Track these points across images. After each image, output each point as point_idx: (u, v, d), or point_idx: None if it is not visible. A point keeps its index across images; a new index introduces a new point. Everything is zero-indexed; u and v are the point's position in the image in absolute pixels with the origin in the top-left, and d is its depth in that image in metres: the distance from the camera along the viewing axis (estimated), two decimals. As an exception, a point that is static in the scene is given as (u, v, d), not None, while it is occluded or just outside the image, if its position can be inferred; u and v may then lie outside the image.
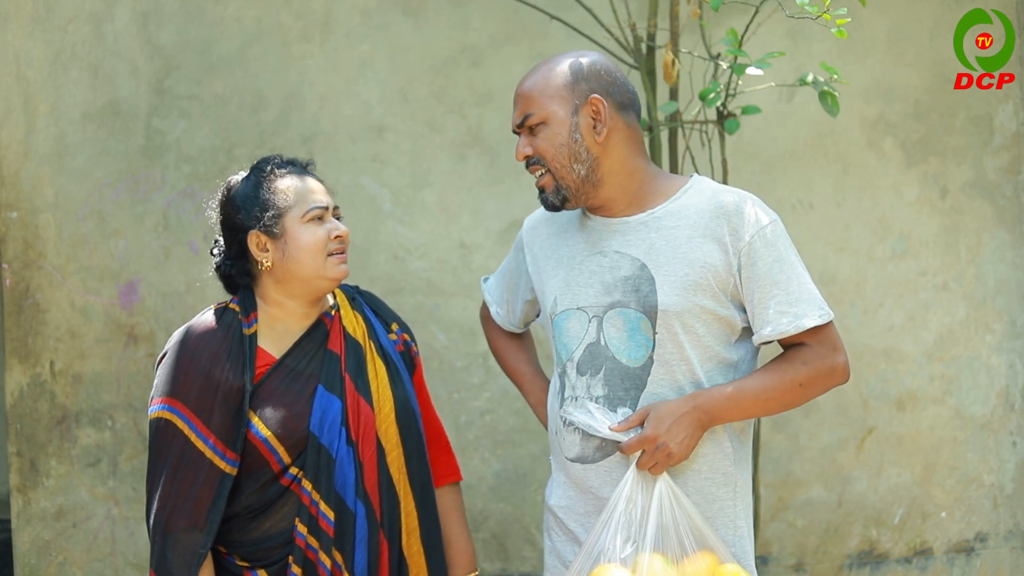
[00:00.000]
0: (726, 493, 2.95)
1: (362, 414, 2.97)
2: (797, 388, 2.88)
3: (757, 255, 2.85)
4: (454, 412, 4.60)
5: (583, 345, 2.95)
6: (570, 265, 3.00)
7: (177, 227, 4.55)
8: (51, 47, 4.50)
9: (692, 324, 2.87)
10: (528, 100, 2.91)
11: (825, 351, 2.88)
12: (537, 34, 4.57)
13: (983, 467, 4.99)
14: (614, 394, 2.90)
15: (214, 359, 2.92)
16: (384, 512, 2.98)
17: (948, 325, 4.93)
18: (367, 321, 3.10)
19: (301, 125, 4.58)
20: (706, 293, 2.86)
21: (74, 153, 4.51)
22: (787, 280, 2.85)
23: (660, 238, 2.90)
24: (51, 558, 4.56)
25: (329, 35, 4.59)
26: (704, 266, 2.86)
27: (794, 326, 2.83)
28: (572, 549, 3.02)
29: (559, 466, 3.03)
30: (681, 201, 2.93)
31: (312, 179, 3.01)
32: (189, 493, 2.88)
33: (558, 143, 2.89)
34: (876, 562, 4.93)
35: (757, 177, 4.76)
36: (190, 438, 2.88)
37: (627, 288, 2.90)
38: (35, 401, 4.52)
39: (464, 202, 4.65)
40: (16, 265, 4.49)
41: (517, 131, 2.95)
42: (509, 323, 3.30)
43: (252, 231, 2.95)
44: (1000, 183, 4.94)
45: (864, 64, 4.78)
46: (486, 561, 4.72)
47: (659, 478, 2.81)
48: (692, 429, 2.84)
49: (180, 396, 2.90)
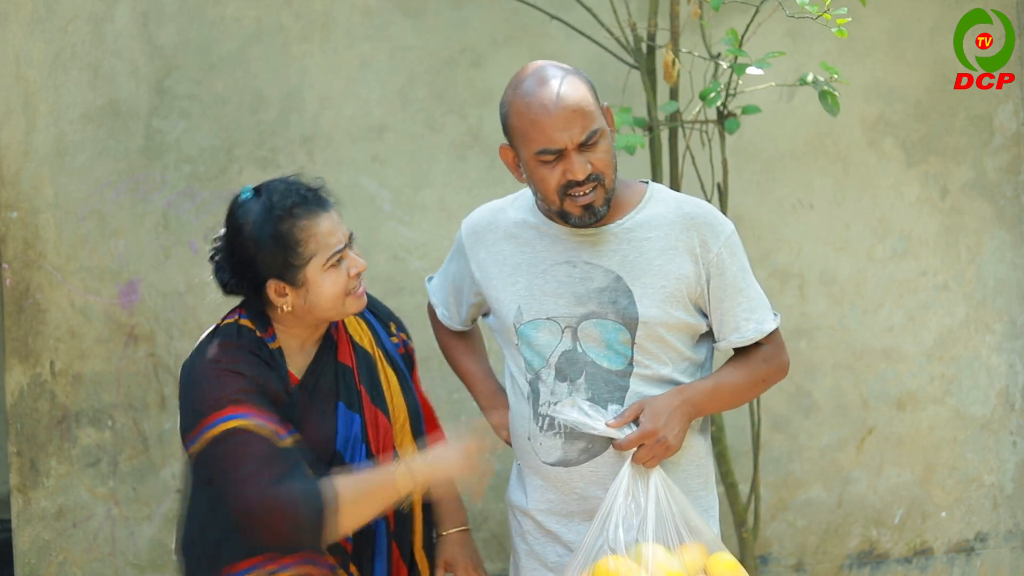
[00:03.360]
0: (699, 484, 3.04)
1: (380, 427, 2.95)
2: (760, 383, 3.07)
3: (724, 265, 2.96)
4: (454, 412, 4.59)
5: (557, 352, 2.95)
6: (531, 273, 2.99)
7: (177, 227, 4.55)
8: (51, 47, 4.50)
9: (665, 333, 2.94)
10: (588, 115, 2.81)
11: (777, 350, 3.05)
12: (537, 34, 4.57)
13: (983, 467, 4.98)
14: (599, 396, 2.94)
15: (253, 368, 2.81)
16: (397, 523, 2.98)
17: (948, 325, 4.92)
18: (370, 326, 3.08)
19: (301, 125, 4.58)
20: (679, 304, 2.94)
21: (74, 153, 4.51)
22: (748, 287, 2.99)
23: (632, 250, 2.94)
24: (51, 558, 4.56)
25: (329, 35, 4.58)
26: (678, 278, 2.93)
27: (758, 332, 2.99)
28: (554, 550, 3.04)
29: (534, 471, 3.03)
30: (647, 212, 2.97)
31: (326, 215, 2.86)
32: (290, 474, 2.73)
33: (611, 156, 2.89)
34: (876, 562, 4.93)
35: (757, 177, 4.76)
36: (262, 433, 2.74)
37: (603, 300, 2.93)
38: (35, 401, 4.52)
39: (464, 202, 4.64)
40: (16, 265, 4.49)
41: (557, 153, 2.81)
42: (457, 323, 3.28)
43: (270, 280, 2.84)
44: (1000, 183, 4.94)
45: (864, 64, 4.78)
46: (486, 561, 4.69)
47: (653, 471, 2.86)
48: (684, 421, 2.92)
49: (238, 402, 2.75)
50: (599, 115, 2.85)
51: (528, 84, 2.85)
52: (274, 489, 2.69)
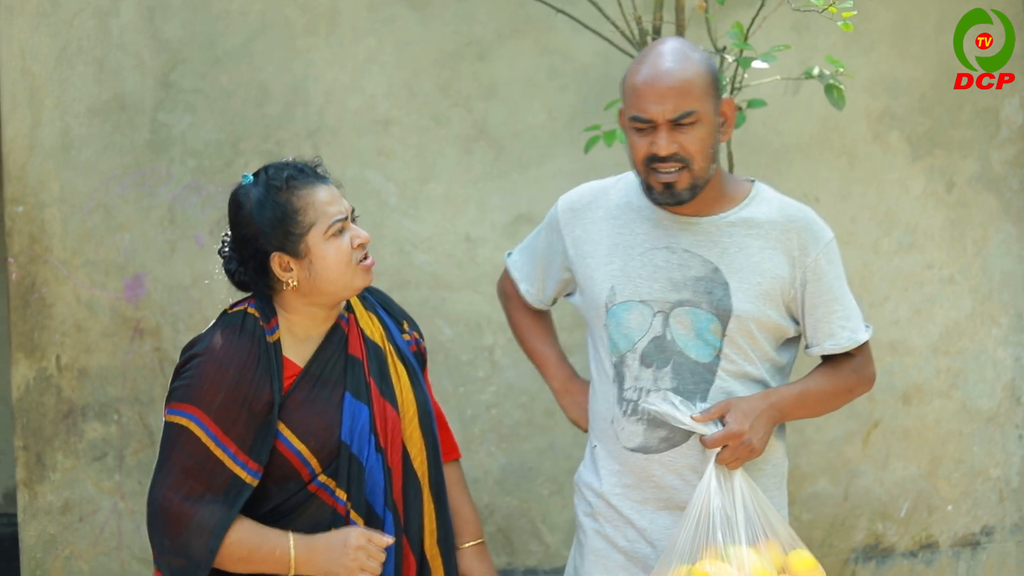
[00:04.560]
0: (775, 484, 3.09)
1: (389, 420, 2.93)
2: (847, 393, 3.08)
3: (822, 271, 2.98)
4: (459, 406, 4.60)
5: (647, 338, 2.97)
6: (628, 255, 3.00)
7: (183, 221, 4.55)
8: (56, 41, 4.50)
9: (756, 329, 2.96)
10: (686, 96, 2.84)
11: (867, 361, 3.07)
12: (543, 27, 4.57)
13: (989, 460, 4.98)
14: (684, 387, 2.95)
15: (242, 370, 2.82)
16: (408, 517, 2.96)
17: (954, 318, 4.92)
18: (382, 322, 3.06)
19: (306, 119, 4.58)
20: (772, 303, 2.96)
21: (80, 147, 4.51)
22: (843, 296, 3.01)
23: (733, 244, 2.96)
24: (57, 552, 4.57)
25: (335, 29, 4.58)
26: (774, 278, 2.95)
27: (852, 341, 3.01)
28: (624, 534, 3.05)
29: (612, 454, 3.04)
30: (751, 209, 2.99)
31: (324, 187, 2.88)
32: (205, 497, 2.79)
33: (709, 143, 2.90)
34: (882, 556, 4.93)
35: (763, 170, 4.75)
36: (208, 446, 2.79)
37: (699, 288, 2.95)
38: (41, 395, 4.53)
39: (470, 196, 4.65)
40: (22, 259, 4.50)
41: (649, 124, 2.86)
42: (539, 301, 3.26)
43: (274, 253, 2.84)
44: (1006, 176, 4.94)
45: (870, 57, 4.78)
46: (492, 555, 4.70)
47: (736, 472, 2.88)
48: (769, 426, 2.95)
49: (202, 405, 2.80)
50: (705, 100, 2.86)
51: (648, 52, 2.92)
52: (181, 503, 2.78)
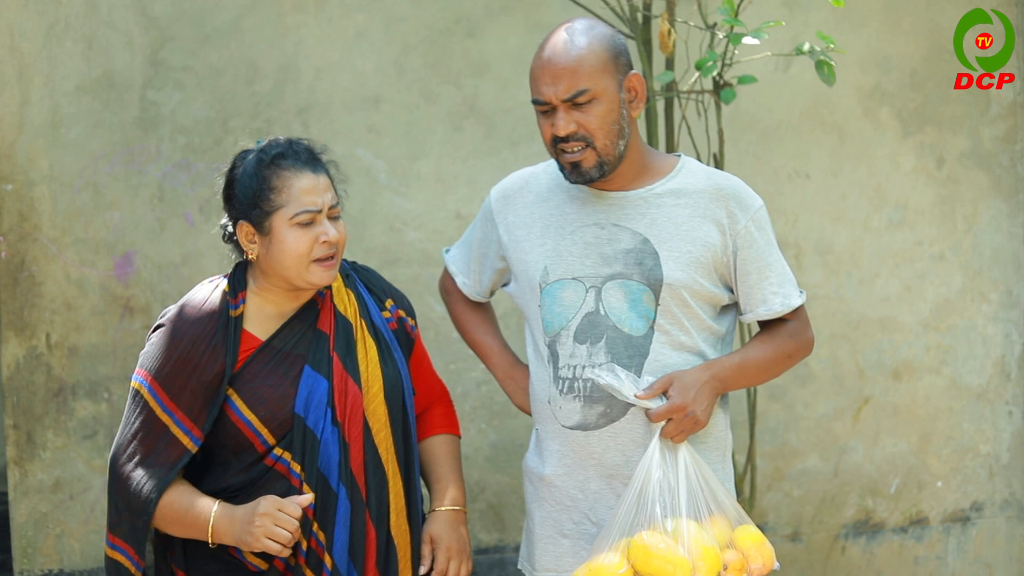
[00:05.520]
0: (718, 456, 3.06)
1: (349, 394, 2.95)
2: (786, 359, 3.09)
3: (753, 238, 2.99)
4: (450, 383, 4.58)
5: (580, 315, 2.97)
6: (560, 235, 3.02)
7: (172, 199, 4.54)
8: (45, 19, 4.48)
9: (689, 298, 2.96)
10: (578, 75, 2.86)
11: (803, 326, 3.08)
12: (533, 3, 4.56)
13: (979, 437, 5.00)
14: (618, 361, 2.95)
15: (195, 341, 2.92)
16: (371, 493, 2.95)
17: (944, 295, 4.93)
18: (359, 298, 3.07)
19: (296, 96, 4.57)
20: (704, 271, 2.97)
21: (69, 125, 4.49)
22: (775, 262, 3.02)
23: (661, 214, 2.97)
24: (48, 530, 4.57)
25: (324, 5, 4.57)
26: (704, 245, 2.96)
27: (785, 306, 3.02)
28: (570, 517, 3.05)
29: (551, 435, 3.05)
30: (678, 180, 3.01)
31: (312, 175, 2.91)
32: (148, 459, 2.91)
33: (611, 120, 2.90)
34: (872, 532, 4.95)
35: (753, 147, 4.75)
36: (155, 410, 2.91)
37: (629, 260, 2.95)
38: (31, 374, 4.52)
39: (460, 173, 4.64)
40: (11, 238, 4.49)
41: (548, 105, 2.89)
42: (476, 293, 3.30)
43: (241, 221, 2.93)
44: (997, 153, 4.94)
45: (860, 33, 4.77)
46: (483, 532, 4.73)
47: (681, 446, 2.88)
48: (712, 397, 2.94)
49: (153, 371, 2.93)
50: (600, 78, 2.86)
51: (547, 36, 2.93)
52: (126, 463, 2.94)
